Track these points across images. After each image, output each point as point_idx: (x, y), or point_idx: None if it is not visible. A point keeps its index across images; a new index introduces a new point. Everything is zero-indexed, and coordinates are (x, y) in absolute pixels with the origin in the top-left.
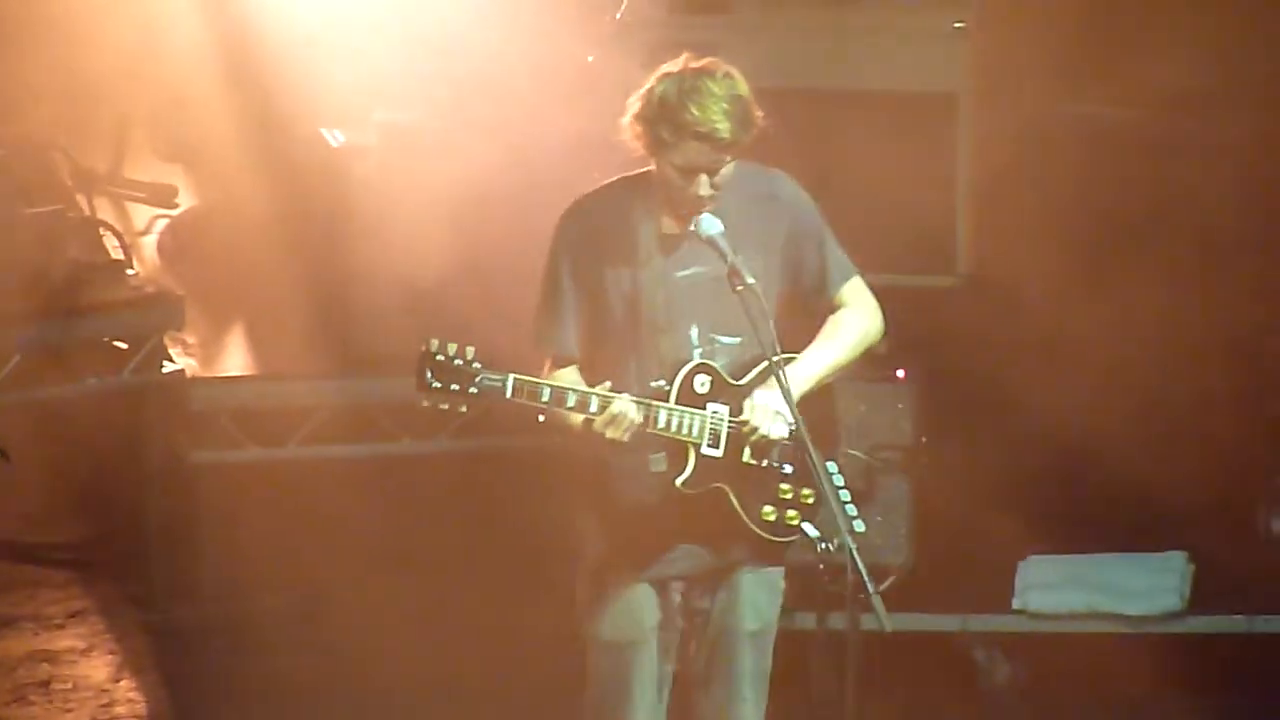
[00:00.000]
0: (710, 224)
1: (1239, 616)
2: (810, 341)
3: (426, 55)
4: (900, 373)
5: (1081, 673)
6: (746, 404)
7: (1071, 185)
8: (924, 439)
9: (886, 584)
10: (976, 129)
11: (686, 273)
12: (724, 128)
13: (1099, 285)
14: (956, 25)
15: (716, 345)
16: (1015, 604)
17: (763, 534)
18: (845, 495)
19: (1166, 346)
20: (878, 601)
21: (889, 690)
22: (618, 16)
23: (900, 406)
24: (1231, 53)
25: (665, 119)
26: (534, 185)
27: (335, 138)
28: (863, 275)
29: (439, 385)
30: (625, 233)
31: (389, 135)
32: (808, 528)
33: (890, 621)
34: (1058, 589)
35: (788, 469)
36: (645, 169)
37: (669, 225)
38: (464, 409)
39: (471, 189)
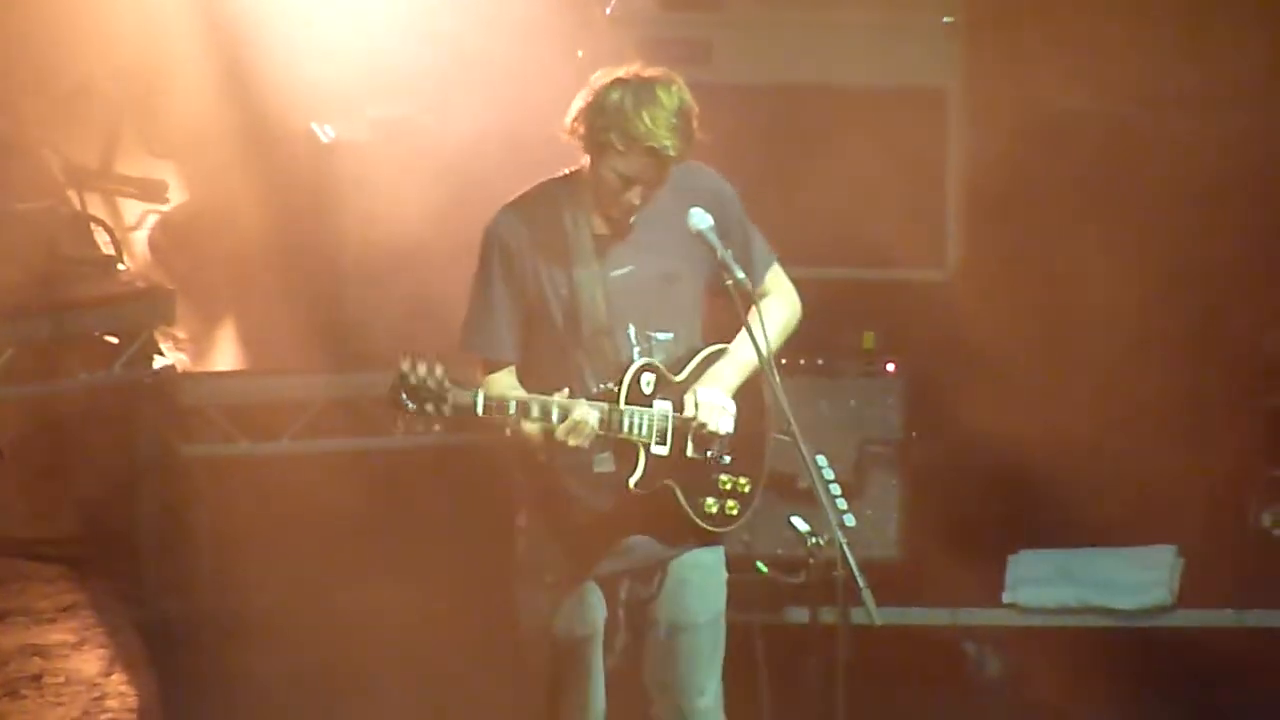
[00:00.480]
0: (700, 218)
1: (1228, 611)
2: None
3: (417, 50)
4: (890, 366)
5: (1071, 667)
6: (687, 399)
7: (1060, 180)
8: (914, 433)
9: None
10: (966, 124)
11: (621, 272)
12: (671, 144)
13: (1088, 279)
14: (946, 20)
15: (653, 342)
16: (1005, 598)
17: (705, 525)
18: (836, 489)
19: (1157, 340)
20: (868, 596)
21: (879, 684)
22: (608, 12)
23: (890, 400)
24: (1217, 50)
25: (617, 127)
26: (525, 180)
27: (326, 133)
28: (780, 262)
29: (413, 406)
30: (558, 235)
31: (380, 130)
32: (798, 522)
33: (880, 615)
34: (1048, 583)
35: (726, 459)
36: (572, 170)
37: (600, 226)
38: (437, 428)
39: (462, 184)
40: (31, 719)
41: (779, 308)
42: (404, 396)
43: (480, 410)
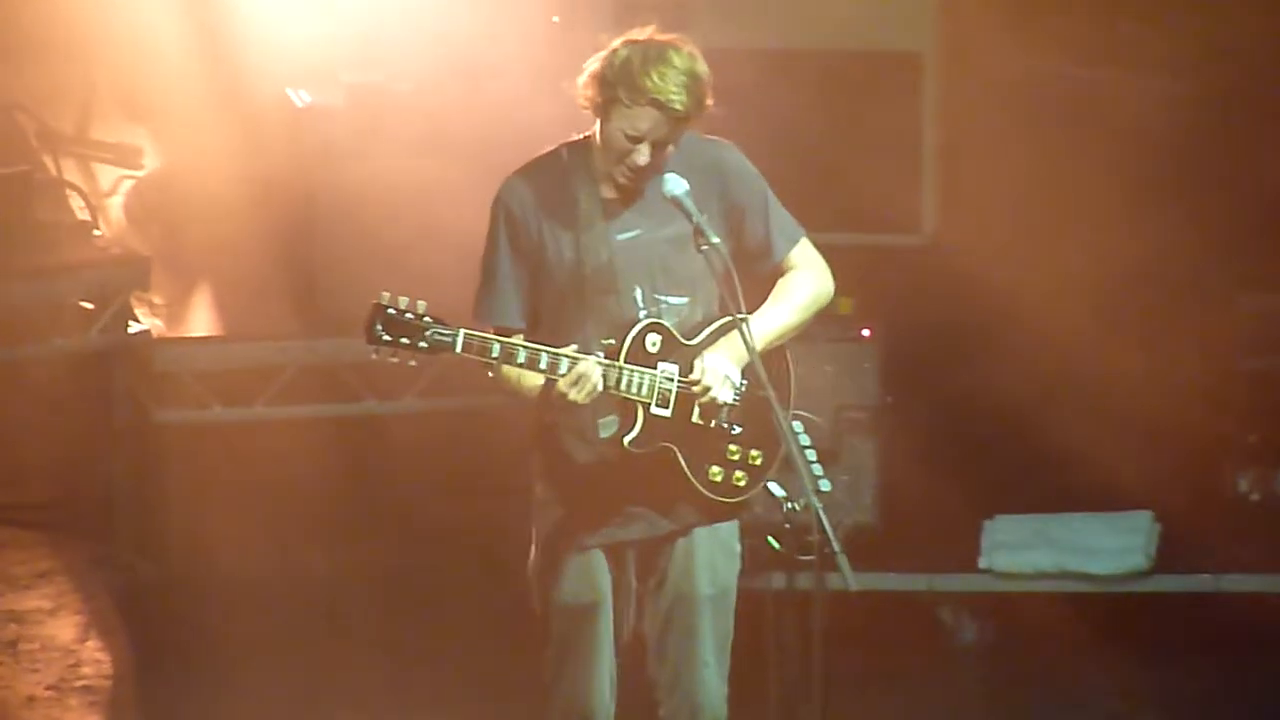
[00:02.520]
0: (675, 184)
1: (1205, 576)
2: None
3: (392, 16)
4: (866, 332)
5: (1047, 632)
6: (696, 364)
7: (1037, 144)
8: (890, 399)
9: (852, 543)
10: (942, 88)
11: (628, 235)
12: (679, 100)
13: (1065, 243)
14: None
15: (663, 306)
16: (981, 563)
17: (710, 495)
18: (811, 455)
19: (1134, 304)
20: (843, 561)
21: (855, 650)
22: None
23: (866, 366)
24: (1190, 13)
25: (624, 82)
26: (500, 145)
27: (301, 98)
28: (809, 236)
29: (389, 338)
30: (564, 199)
31: (355, 96)
32: (774, 487)
33: (856, 581)
34: (1024, 548)
35: (736, 430)
36: (583, 136)
37: (608, 191)
38: (413, 363)
39: (437, 150)
40: (6, 685)
41: (805, 282)
42: (379, 328)
43: (460, 348)
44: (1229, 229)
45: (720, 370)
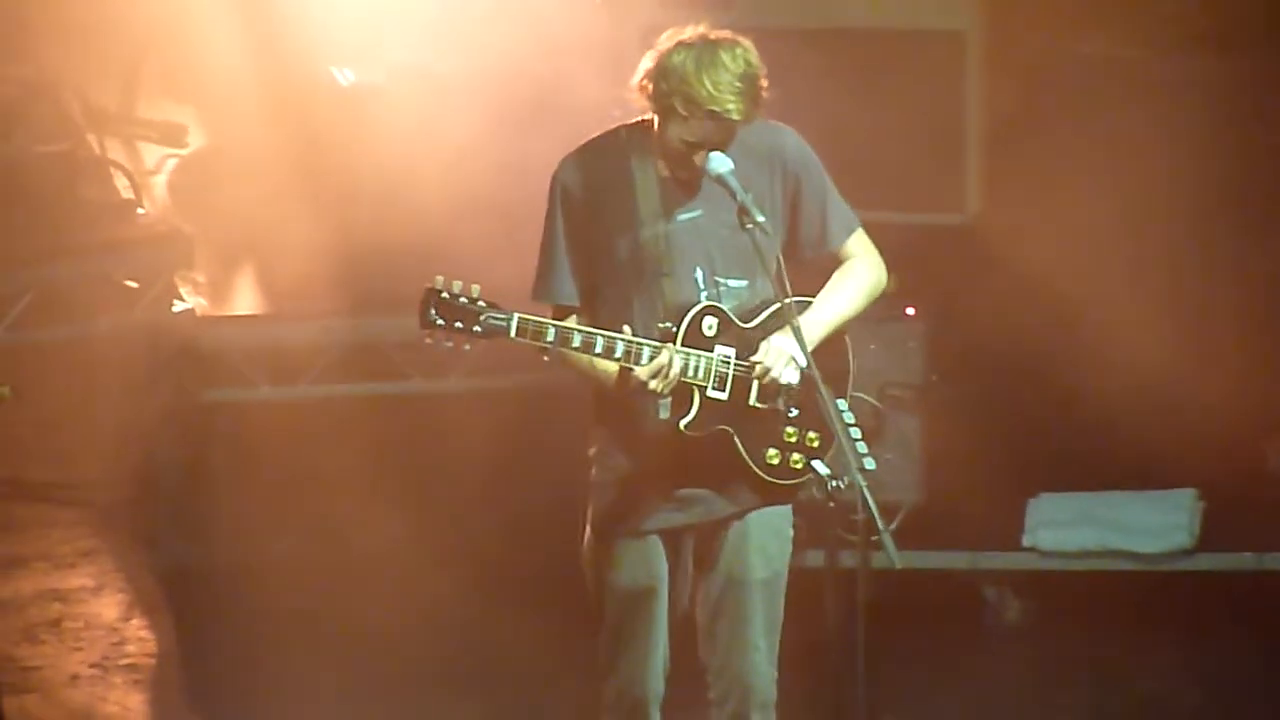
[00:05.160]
0: (720, 162)
1: (1249, 554)
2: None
3: None
4: (910, 311)
5: (1091, 610)
6: (762, 346)
7: (1079, 123)
8: (934, 377)
9: (896, 521)
10: (985, 67)
11: (688, 216)
12: (735, 108)
13: (1106, 222)
14: None
15: (723, 288)
16: (1025, 541)
17: (766, 477)
18: (856, 433)
19: (1179, 282)
20: (888, 539)
21: (898, 628)
22: None
23: (910, 344)
24: None
25: (679, 92)
26: (543, 124)
27: (345, 76)
28: (864, 227)
29: (442, 322)
30: (624, 180)
31: (399, 74)
32: (818, 465)
33: (900, 559)
34: (1068, 527)
35: (794, 412)
36: (642, 118)
37: (666, 172)
38: (467, 347)
39: (481, 128)
40: (50, 664)
41: (862, 271)
42: (433, 312)
43: (514, 332)
44: (1272, 207)
45: (785, 351)
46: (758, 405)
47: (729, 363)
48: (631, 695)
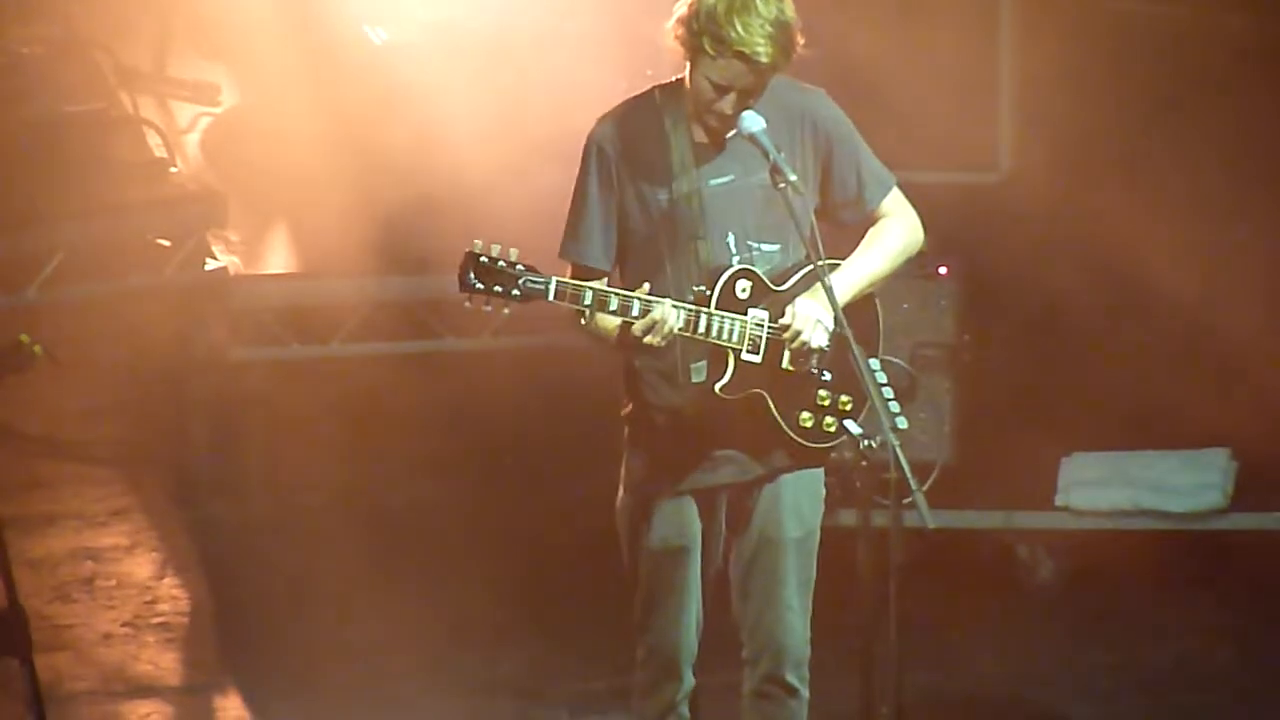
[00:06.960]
0: (753, 121)
1: None
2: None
3: None
4: (943, 269)
5: (1124, 569)
6: (789, 310)
7: (1114, 79)
8: (967, 336)
9: (929, 481)
10: (1019, 22)
11: (722, 180)
12: (765, 51)
13: (1140, 180)
14: None
15: (755, 252)
16: (1058, 501)
17: (800, 440)
18: (888, 393)
19: (1208, 241)
20: (920, 498)
21: (931, 588)
22: None
23: (943, 303)
24: None
25: (709, 32)
26: (576, 85)
27: (378, 35)
28: (900, 185)
29: (482, 287)
30: (657, 142)
31: (431, 32)
32: (850, 425)
33: (933, 518)
34: (1101, 486)
35: (826, 376)
36: (676, 79)
37: (700, 134)
38: (506, 311)
39: (514, 86)
40: (83, 622)
41: (897, 229)
42: (473, 276)
43: (552, 296)
44: None
45: (812, 315)
46: (790, 369)
47: (762, 326)
48: (664, 653)
